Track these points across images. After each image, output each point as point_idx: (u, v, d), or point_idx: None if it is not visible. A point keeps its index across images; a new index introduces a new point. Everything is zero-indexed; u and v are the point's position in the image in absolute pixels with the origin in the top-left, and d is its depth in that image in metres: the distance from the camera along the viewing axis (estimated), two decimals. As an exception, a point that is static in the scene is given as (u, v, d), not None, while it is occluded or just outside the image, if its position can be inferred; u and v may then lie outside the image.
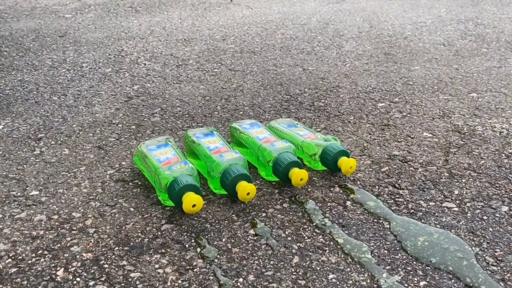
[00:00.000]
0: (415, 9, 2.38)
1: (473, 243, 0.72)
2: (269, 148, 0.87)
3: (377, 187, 0.87)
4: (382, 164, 0.94)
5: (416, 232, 0.74)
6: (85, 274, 0.66)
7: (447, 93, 1.30)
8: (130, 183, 0.88)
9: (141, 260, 0.68)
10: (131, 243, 0.72)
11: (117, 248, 0.71)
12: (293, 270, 0.67)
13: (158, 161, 0.84)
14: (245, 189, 0.78)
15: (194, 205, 0.75)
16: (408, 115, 1.17)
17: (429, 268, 0.67)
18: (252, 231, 0.74)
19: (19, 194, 0.85)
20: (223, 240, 0.73)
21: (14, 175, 0.91)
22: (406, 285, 0.64)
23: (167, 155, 0.86)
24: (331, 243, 0.72)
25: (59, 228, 0.76)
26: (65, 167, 0.93)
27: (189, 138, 0.93)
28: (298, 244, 0.72)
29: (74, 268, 0.67)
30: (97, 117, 1.16)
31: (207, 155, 0.86)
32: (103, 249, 0.71)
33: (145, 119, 1.15)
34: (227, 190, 0.81)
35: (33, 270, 0.67)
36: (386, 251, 0.70)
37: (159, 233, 0.74)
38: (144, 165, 0.88)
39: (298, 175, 0.82)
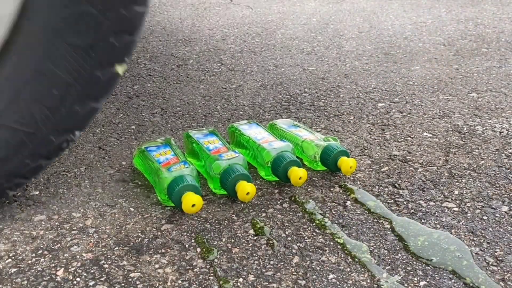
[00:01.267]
0: (415, 9, 2.38)
1: (473, 243, 0.72)
2: (267, 148, 0.87)
3: (377, 187, 0.87)
4: (382, 164, 0.94)
5: (416, 232, 0.74)
6: (85, 274, 0.66)
7: (447, 93, 1.30)
8: (130, 183, 0.88)
9: (141, 260, 0.68)
10: (131, 243, 0.72)
11: (117, 248, 0.71)
12: (293, 270, 0.67)
13: (158, 162, 0.84)
14: (245, 189, 0.78)
15: (193, 205, 0.75)
16: (408, 115, 1.17)
17: (429, 268, 0.67)
18: (252, 231, 0.75)
19: (19, 194, 0.85)
20: (223, 240, 0.73)
21: (14, 175, 0.91)
22: (406, 285, 0.64)
23: (167, 156, 0.86)
24: (331, 243, 0.72)
25: (59, 228, 0.76)
26: (65, 167, 0.93)
27: (189, 138, 0.93)
28: (298, 244, 0.72)
29: (74, 268, 0.67)
30: (97, 117, 1.16)
31: (207, 155, 0.86)
32: (103, 249, 0.71)
33: (145, 119, 1.15)
34: (227, 190, 0.81)
35: (33, 270, 0.67)
36: (386, 251, 0.70)
37: (159, 233, 0.74)
38: (144, 166, 0.88)
39: (297, 174, 0.82)
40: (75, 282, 0.64)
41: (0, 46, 0.65)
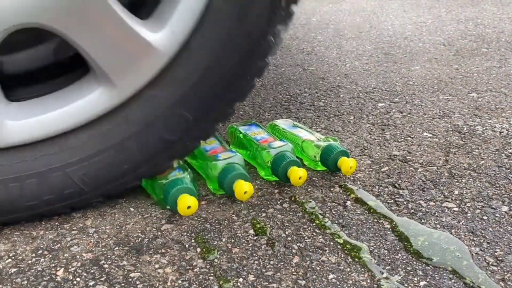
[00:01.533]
0: (415, 9, 2.39)
1: (473, 243, 0.72)
2: (267, 149, 0.87)
3: (377, 187, 0.87)
4: (382, 164, 0.94)
5: (416, 232, 0.74)
6: (85, 274, 0.66)
7: (447, 93, 1.30)
8: (130, 183, 0.88)
9: (141, 260, 0.68)
10: (131, 243, 0.72)
11: (117, 248, 0.71)
12: (293, 270, 0.67)
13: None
14: (242, 188, 0.78)
15: (189, 207, 0.74)
16: (408, 115, 1.17)
17: (429, 268, 0.67)
18: (252, 231, 0.75)
19: (19, 194, 0.85)
20: (223, 240, 0.73)
21: (14, 175, 0.91)
22: (406, 285, 0.64)
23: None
24: (331, 243, 0.72)
25: (59, 228, 0.76)
26: (65, 167, 0.93)
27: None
28: (298, 244, 0.72)
29: (74, 268, 0.67)
30: (97, 117, 1.16)
31: (204, 156, 0.86)
32: (103, 249, 0.71)
33: (145, 119, 1.16)
34: (225, 190, 0.81)
35: (33, 270, 0.67)
36: (386, 251, 0.70)
37: (159, 233, 0.74)
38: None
39: (296, 174, 0.82)
40: (75, 282, 0.64)
41: (98, 115, 0.74)
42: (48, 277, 0.65)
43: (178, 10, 0.70)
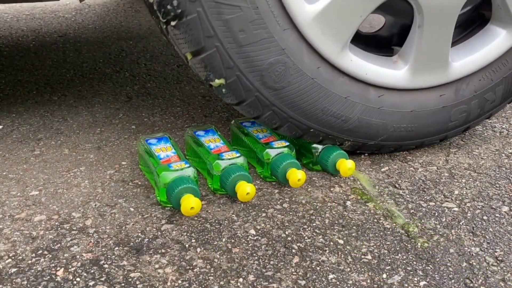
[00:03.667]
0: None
1: (473, 243, 0.72)
2: (267, 148, 0.87)
3: (377, 187, 0.87)
4: (382, 164, 0.94)
5: (416, 232, 0.74)
6: (85, 274, 0.66)
7: (447, 93, 1.30)
8: (130, 183, 0.88)
9: (141, 260, 0.68)
10: (131, 243, 0.72)
11: (117, 248, 0.71)
12: (293, 270, 0.67)
13: (158, 157, 0.84)
14: (245, 189, 0.78)
15: (192, 208, 0.74)
16: (408, 115, 1.17)
17: (429, 268, 0.67)
18: (252, 231, 0.75)
19: (19, 194, 0.85)
20: (223, 240, 0.73)
21: (14, 175, 0.91)
22: (406, 285, 0.64)
23: (167, 153, 0.86)
24: (331, 243, 0.72)
25: (59, 228, 0.76)
26: (65, 167, 0.93)
27: (190, 137, 0.93)
28: (298, 244, 0.72)
29: (74, 268, 0.67)
30: (97, 117, 1.16)
31: (209, 154, 0.86)
32: (103, 249, 0.71)
33: (145, 119, 1.15)
34: (227, 190, 0.81)
35: (33, 270, 0.67)
36: (386, 251, 0.70)
37: (159, 233, 0.74)
38: (144, 160, 0.88)
39: (295, 176, 0.82)
40: (75, 282, 0.64)
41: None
42: (48, 277, 0.65)
43: None
